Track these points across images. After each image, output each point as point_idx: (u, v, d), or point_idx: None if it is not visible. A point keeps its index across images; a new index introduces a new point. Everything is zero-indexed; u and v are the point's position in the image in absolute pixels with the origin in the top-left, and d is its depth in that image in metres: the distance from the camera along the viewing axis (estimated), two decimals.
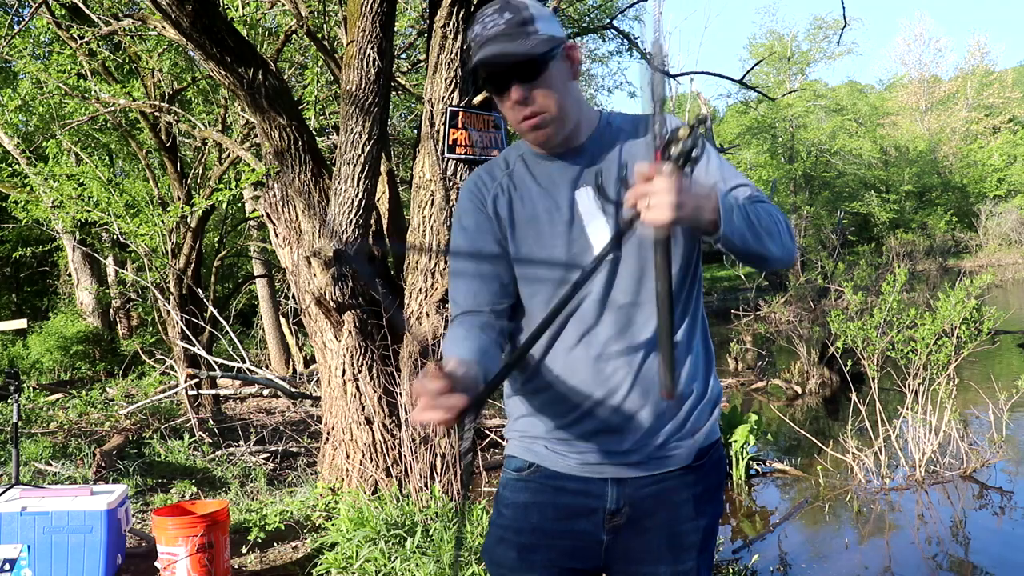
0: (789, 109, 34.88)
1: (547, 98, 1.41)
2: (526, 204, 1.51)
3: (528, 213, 1.51)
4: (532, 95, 1.41)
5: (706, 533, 1.52)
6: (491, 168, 1.58)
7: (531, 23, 1.39)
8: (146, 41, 7.69)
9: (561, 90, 1.43)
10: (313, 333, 4.88)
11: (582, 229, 1.47)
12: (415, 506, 4.10)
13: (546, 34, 1.40)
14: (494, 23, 1.39)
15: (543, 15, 1.43)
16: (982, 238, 36.29)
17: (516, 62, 1.38)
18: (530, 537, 1.53)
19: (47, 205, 8.36)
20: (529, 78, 1.40)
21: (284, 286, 13.12)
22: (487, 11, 1.42)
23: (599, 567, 1.53)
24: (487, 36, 1.39)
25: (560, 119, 1.44)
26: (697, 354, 1.51)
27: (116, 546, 3.70)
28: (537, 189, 1.51)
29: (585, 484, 1.50)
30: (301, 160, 4.52)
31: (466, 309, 1.51)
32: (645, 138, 1.46)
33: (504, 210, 1.52)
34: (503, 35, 1.38)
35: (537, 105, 1.42)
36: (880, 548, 4.66)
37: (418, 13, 9.04)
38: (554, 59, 1.41)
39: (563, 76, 1.44)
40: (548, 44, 1.39)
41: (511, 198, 1.53)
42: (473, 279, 1.52)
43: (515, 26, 1.38)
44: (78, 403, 7.87)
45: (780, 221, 1.42)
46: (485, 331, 1.46)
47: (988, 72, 45.37)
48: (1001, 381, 6.73)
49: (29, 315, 16.10)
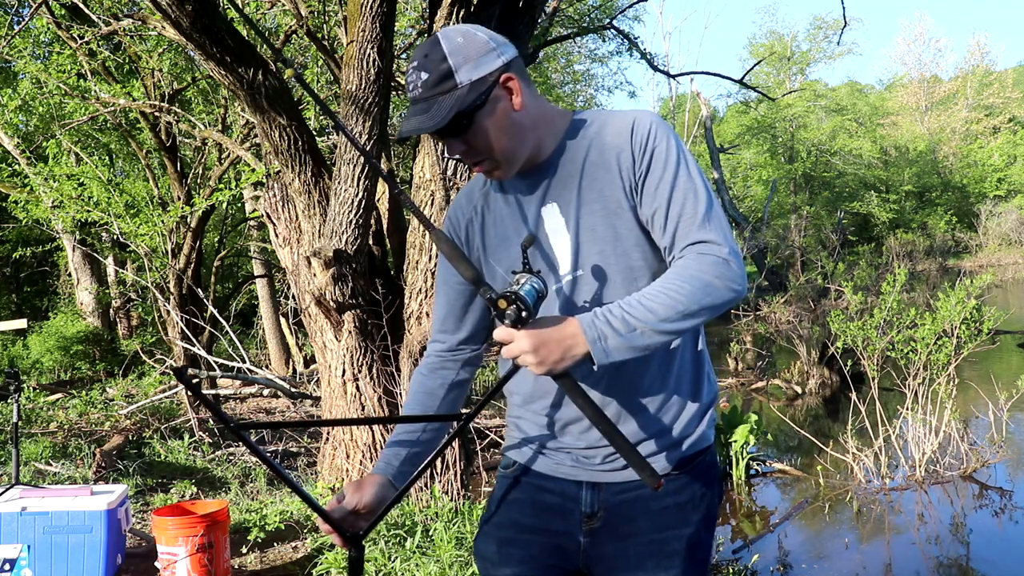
0: (789, 109, 34.85)
1: (485, 143, 1.38)
2: (497, 225, 1.51)
3: (499, 234, 1.50)
4: (469, 145, 1.39)
5: (691, 543, 1.47)
6: (470, 190, 1.58)
7: (449, 77, 1.34)
8: (146, 41, 7.70)
9: (499, 131, 1.38)
10: (313, 333, 4.88)
11: (548, 246, 1.45)
12: (415, 506, 4.10)
13: (467, 82, 1.34)
14: (413, 85, 1.36)
15: (467, 54, 1.35)
16: (982, 238, 36.27)
17: (439, 126, 1.34)
18: (508, 531, 1.55)
19: (47, 205, 8.36)
20: (458, 133, 1.38)
21: (284, 286, 13.11)
22: (409, 67, 1.39)
23: (580, 569, 1.52)
24: (411, 98, 1.37)
25: (506, 157, 1.41)
26: (684, 361, 1.48)
27: (116, 546, 3.70)
28: (507, 209, 1.50)
29: (562, 485, 1.51)
30: (301, 160, 4.52)
31: (437, 331, 1.62)
32: (612, 141, 1.41)
33: (477, 235, 1.53)
34: (421, 101, 1.35)
35: (478, 152, 1.40)
36: (880, 548, 4.66)
37: (418, 13, 9.04)
38: (483, 106, 1.36)
39: (501, 114, 1.38)
40: (471, 95, 1.34)
41: (484, 220, 1.53)
42: (443, 306, 1.60)
43: (431, 88, 1.34)
44: (78, 403, 7.87)
45: (713, 275, 1.30)
46: (441, 371, 1.61)
47: (988, 72, 45.34)
48: (1001, 381, 6.73)
49: (29, 315, 16.10)
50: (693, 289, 1.28)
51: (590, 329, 1.27)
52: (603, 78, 40.77)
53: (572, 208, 1.43)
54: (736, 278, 1.31)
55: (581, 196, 1.42)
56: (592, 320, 1.29)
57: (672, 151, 1.38)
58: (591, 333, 1.27)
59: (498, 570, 1.55)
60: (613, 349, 1.27)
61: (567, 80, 20.33)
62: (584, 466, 1.48)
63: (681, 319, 1.28)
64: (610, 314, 1.29)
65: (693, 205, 1.35)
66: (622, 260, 1.40)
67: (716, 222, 1.35)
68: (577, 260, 1.42)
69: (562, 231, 1.43)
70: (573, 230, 1.42)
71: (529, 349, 1.27)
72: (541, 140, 1.44)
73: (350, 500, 1.44)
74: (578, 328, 1.28)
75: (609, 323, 1.28)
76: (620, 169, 1.39)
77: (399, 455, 1.54)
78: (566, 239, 1.43)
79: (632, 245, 1.40)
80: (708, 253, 1.31)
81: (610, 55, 20.52)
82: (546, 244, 1.45)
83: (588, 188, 1.42)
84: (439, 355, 1.62)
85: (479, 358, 1.64)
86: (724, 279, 1.29)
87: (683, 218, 1.35)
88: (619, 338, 1.27)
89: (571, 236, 1.42)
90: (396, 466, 1.53)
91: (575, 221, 1.42)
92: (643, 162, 1.38)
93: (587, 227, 1.41)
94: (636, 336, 1.27)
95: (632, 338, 1.27)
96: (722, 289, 1.29)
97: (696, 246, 1.33)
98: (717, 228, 1.34)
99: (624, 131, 1.40)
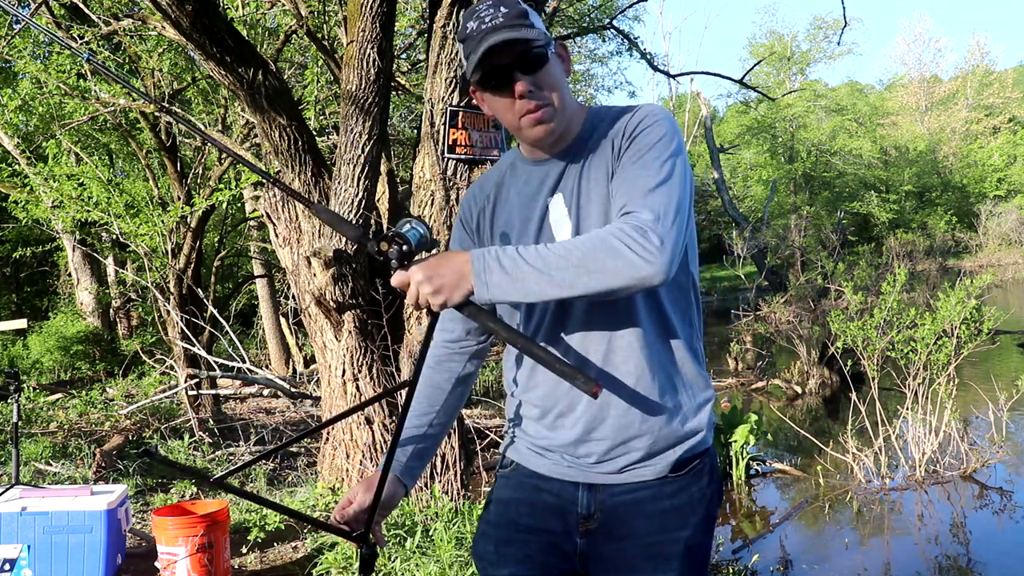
0: (789, 109, 34.85)
1: (551, 90, 1.41)
2: (506, 214, 1.53)
3: (507, 223, 1.52)
4: (537, 86, 1.40)
5: (689, 545, 1.45)
6: (484, 181, 1.60)
7: (526, 17, 1.39)
8: (146, 41, 7.69)
9: (561, 83, 1.43)
10: (313, 333, 4.88)
11: (551, 237, 1.46)
12: (415, 506, 4.10)
13: (540, 29, 1.40)
14: (492, 16, 1.38)
15: (534, 13, 1.43)
16: (982, 238, 36.25)
17: (522, 52, 1.37)
18: (505, 531, 1.55)
19: (47, 205, 8.36)
20: (533, 69, 1.39)
21: (284, 286, 13.11)
22: (480, 7, 1.40)
23: (577, 570, 1.52)
24: (488, 28, 1.37)
25: (562, 112, 1.43)
26: (681, 363, 1.47)
27: (116, 546, 3.70)
28: (517, 199, 1.51)
29: (559, 486, 1.50)
30: (301, 160, 4.52)
31: (445, 319, 1.61)
32: (612, 130, 1.44)
33: (487, 224, 1.56)
34: (505, 27, 1.37)
35: (542, 97, 1.41)
36: (880, 548, 4.67)
37: (418, 13, 9.04)
38: (553, 52, 1.42)
39: (560, 70, 1.44)
40: (547, 37, 1.41)
41: (495, 210, 1.55)
42: None
43: (514, 18, 1.38)
44: (78, 403, 7.87)
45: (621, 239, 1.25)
46: (449, 363, 1.62)
47: (988, 72, 45.32)
48: (1001, 381, 6.73)
49: (29, 315, 16.09)
50: (594, 247, 1.25)
51: (478, 261, 1.26)
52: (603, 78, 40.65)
53: (574, 198, 1.44)
54: (650, 247, 1.23)
55: (581, 186, 1.44)
56: (483, 254, 1.27)
57: (656, 135, 1.37)
58: (478, 265, 1.26)
59: (496, 570, 1.54)
60: (495, 285, 1.26)
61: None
62: (580, 467, 1.48)
63: (575, 273, 1.24)
64: (503, 252, 1.27)
65: (645, 179, 1.32)
66: None
67: (660, 198, 1.30)
68: None
69: (564, 222, 1.45)
70: (574, 220, 1.44)
71: (423, 279, 1.26)
72: (572, 120, 1.47)
73: (363, 499, 1.50)
74: (467, 258, 1.27)
75: (499, 259, 1.26)
76: (611, 155, 1.42)
77: (405, 451, 1.57)
78: (568, 230, 1.44)
79: None
80: (629, 221, 1.27)
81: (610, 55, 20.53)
82: (549, 235, 1.46)
83: (587, 178, 1.44)
84: (446, 345, 1.63)
85: (485, 351, 1.65)
86: (634, 244, 1.23)
87: (632, 190, 1.33)
88: (504, 275, 1.25)
89: (572, 226, 1.44)
90: (403, 462, 1.57)
91: (576, 211, 1.44)
92: (627, 144, 1.40)
93: (585, 216, 1.43)
94: (521, 277, 1.25)
95: (517, 278, 1.25)
96: (628, 254, 1.23)
97: (626, 216, 1.30)
98: (656, 203, 1.29)
99: (624, 120, 1.43)
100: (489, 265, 1.26)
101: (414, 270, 1.28)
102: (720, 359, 11.31)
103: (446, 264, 1.27)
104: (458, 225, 1.62)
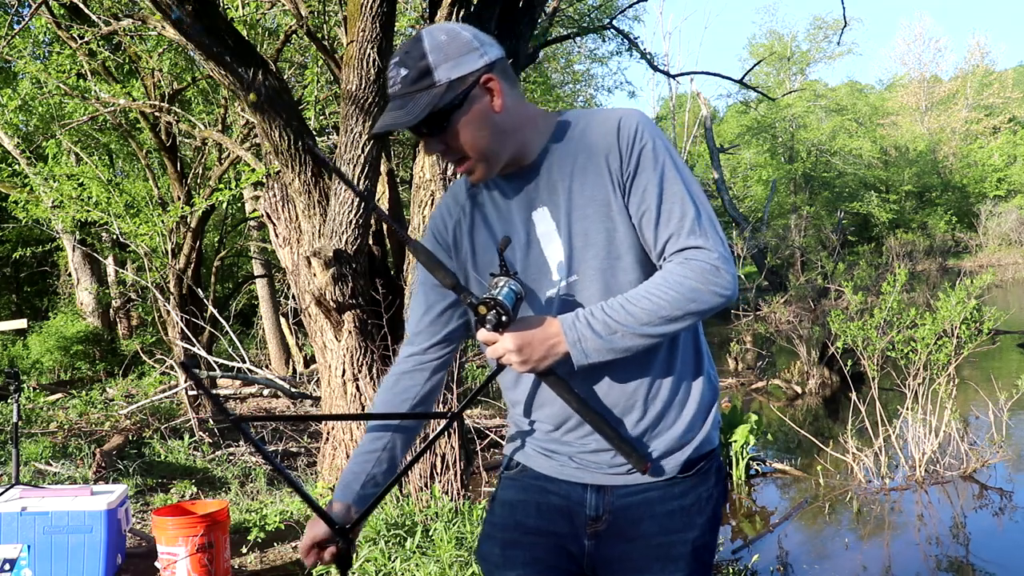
0: (789, 109, 34.82)
1: (462, 142, 1.37)
2: (486, 229, 1.49)
3: (487, 238, 1.49)
4: (447, 144, 1.38)
5: (696, 546, 1.46)
6: (456, 192, 1.55)
7: (428, 75, 1.33)
8: (146, 41, 7.70)
9: (477, 131, 1.37)
10: (313, 333, 4.88)
11: (540, 252, 1.44)
12: (415, 506, 4.10)
13: (445, 81, 1.33)
14: (393, 81, 1.36)
15: (448, 52, 1.34)
16: (982, 238, 36.24)
17: (426, 117, 1.34)
18: (512, 534, 1.53)
19: (47, 205, 8.37)
20: (435, 132, 1.37)
21: (284, 286, 13.11)
22: (391, 63, 1.39)
23: (584, 572, 1.52)
24: (392, 93, 1.37)
25: (485, 158, 1.39)
26: (686, 363, 1.47)
27: (116, 546, 3.70)
28: (495, 213, 1.48)
29: (567, 488, 1.50)
30: (301, 160, 4.52)
31: (412, 331, 1.61)
32: (599, 141, 1.39)
33: (465, 238, 1.51)
34: (397, 98, 1.35)
35: (455, 152, 1.39)
36: (880, 548, 4.67)
37: (418, 13, 9.03)
38: (460, 106, 1.35)
39: (479, 114, 1.37)
40: (449, 94, 1.33)
41: (472, 223, 1.51)
42: (422, 305, 1.59)
43: (409, 84, 1.34)
44: (78, 403, 7.87)
45: (699, 281, 1.30)
46: (409, 380, 1.58)
47: (988, 72, 45.32)
48: (1001, 381, 6.73)
49: (29, 315, 16.09)
50: (677, 295, 1.31)
51: (570, 331, 1.33)
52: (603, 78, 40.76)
53: (563, 212, 1.41)
54: (724, 283, 1.31)
55: (572, 200, 1.41)
56: (573, 321, 1.33)
57: (660, 151, 1.37)
58: (571, 335, 1.32)
59: (502, 572, 1.54)
60: (592, 351, 1.33)
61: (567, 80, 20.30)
62: (588, 469, 1.47)
63: (663, 324, 1.32)
64: (591, 316, 1.33)
65: (682, 208, 1.35)
66: (616, 263, 1.40)
67: (706, 225, 1.35)
68: (571, 265, 1.41)
69: (554, 236, 1.42)
70: (565, 235, 1.41)
71: (513, 349, 1.32)
72: (525, 142, 1.43)
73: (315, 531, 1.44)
74: (559, 328, 1.33)
75: (589, 325, 1.33)
76: (610, 171, 1.38)
77: (359, 477, 1.52)
78: (558, 244, 1.42)
79: (626, 248, 1.39)
80: (696, 259, 1.32)
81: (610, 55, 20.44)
82: (538, 249, 1.44)
83: (579, 192, 1.40)
84: (410, 358, 1.60)
85: (447, 363, 1.62)
86: (711, 284, 1.31)
87: (672, 222, 1.35)
88: (598, 340, 1.32)
89: (564, 241, 1.42)
90: (356, 490, 1.51)
91: (567, 226, 1.41)
92: (631, 162, 1.37)
93: (579, 232, 1.40)
94: (616, 339, 1.32)
95: (612, 340, 1.32)
96: (708, 295, 1.31)
97: (685, 251, 1.34)
98: (707, 232, 1.34)
99: (611, 131, 1.39)
100: (583, 334, 1.32)
101: (507, 338, 1.32)
102: (720, 359, 11.30)
103: (538, 337, 1.33)
104: (430, 239, 1.55)
